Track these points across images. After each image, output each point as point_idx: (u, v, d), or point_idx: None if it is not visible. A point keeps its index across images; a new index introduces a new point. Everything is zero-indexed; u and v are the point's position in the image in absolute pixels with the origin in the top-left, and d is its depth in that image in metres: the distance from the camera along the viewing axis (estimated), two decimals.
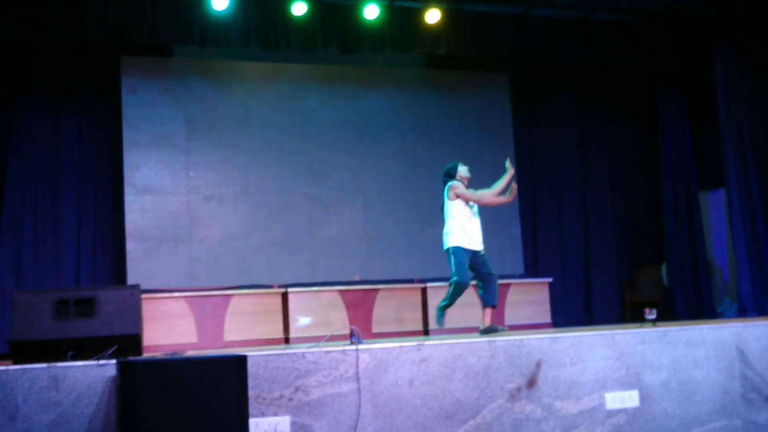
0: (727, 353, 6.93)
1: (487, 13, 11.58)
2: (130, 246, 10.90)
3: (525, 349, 6.40)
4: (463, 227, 8.52)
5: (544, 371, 6.41)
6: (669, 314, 12.25)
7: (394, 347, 6.08)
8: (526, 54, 11.98)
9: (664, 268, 12.82)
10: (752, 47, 11.57)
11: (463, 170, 8.77)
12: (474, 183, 12.37)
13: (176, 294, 10.10)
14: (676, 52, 12.56)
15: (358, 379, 5.90)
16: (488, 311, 8.50)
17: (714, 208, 12.92)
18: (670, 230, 12.63)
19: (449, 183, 8.66)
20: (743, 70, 11.52)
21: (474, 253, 8.53)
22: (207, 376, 5.07)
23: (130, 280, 10.69)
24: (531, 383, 6.35)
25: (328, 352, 5.89)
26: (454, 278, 8.42)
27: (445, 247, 8.55)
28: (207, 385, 5.04)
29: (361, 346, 5.99)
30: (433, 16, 11.17)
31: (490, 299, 8.52)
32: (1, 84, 10.56)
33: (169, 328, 9.81)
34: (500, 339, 6.40)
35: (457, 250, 8.46)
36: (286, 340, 10.25)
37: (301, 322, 10.26)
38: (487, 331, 8.23)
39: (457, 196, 8.54)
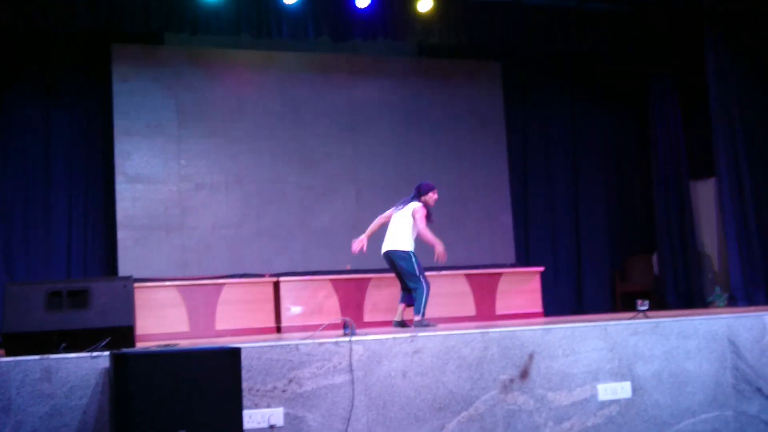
0: (719, 344, 6.95)
1: (479, 2, 11.56)
2: (121, 235, 10.87)
3: (518, 341, 6.41)
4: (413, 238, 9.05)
5: (536, 363, 6.42)
6: (659, 303, 12.29)
7: (387, 339, 6.08)
8: (518, 43, 11.97)
9: (655, 258, 12.85)
10: (744, 37, 11.58)
11: (433, 196, 9.13)
12: (466, 174, 12.44)
13: (168, 283, 10.06)
14: (669, 42, 12.57)
15: (351, 370, 5.90)
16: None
17: (705, 198, 12.94)
18: (662, 219, 12.66)
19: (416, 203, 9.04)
20: (735, 60, 11.53)
21: None
22: (201, 369, 5.06)
23: (121, 269, 10.67)
24: (524, 375, 6.37)
25: (321, 344, 5.88)
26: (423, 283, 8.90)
27: (405, 251, 8.95)
28: (201, 378, 5.03)
29: (354, 338, 5.99)
30: (425, 4, 11.14)
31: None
32: None
33: (160, 317, 9.77)
34: (493, 330, 6.41)
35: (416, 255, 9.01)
36: (278, 329, 10.24)
37: (292, 311, 10.24)
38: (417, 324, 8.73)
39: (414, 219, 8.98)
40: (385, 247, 8.99)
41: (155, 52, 11.42)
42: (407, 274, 8.89)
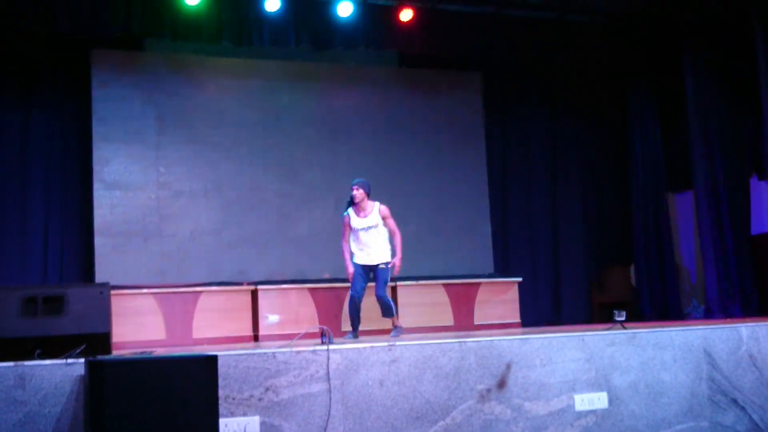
0: (695, 356, 7.00)
1: (460, 12, 11.58)
2: (99, 241, 10.79)
3: (495, 351, 6.42)
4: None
5: (514, 372, 6.43)
6: (636, 315, 12.33)
7: (365, 348, 6.07)
8: (499, 53, 11.99)
9: (632, 269, 12.90)
10: (722, 51, 11.67)
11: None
12: (445, 183, 12.44)
13: (145, 290, 10.01)
14: (648, 55, 12.64)
15: (328, 379, 5.89)
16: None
17: (682, 210, 13.03)
18: (639, 231, 12.72)
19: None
20: (713, 74, 11.62)
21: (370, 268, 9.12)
22: (177, 376, 5.04)
23: (98, 276, 10.58)
24: (501, 384, 6.37)
25: (298, 352, 5.87)
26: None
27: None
28: (177, 385, 5.01)
29: (332, 347, 5.98)
30: (406, 14, 11.16)
31: None
32: None
33: (137, 325, 9.72)
34: (471, 340, 6.42)
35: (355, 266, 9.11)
36: (255, 338, 10.21)
37: (270, 319, 10.21)
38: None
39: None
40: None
41: (135, 58, 11.36)
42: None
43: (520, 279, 11.69)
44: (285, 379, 5.79)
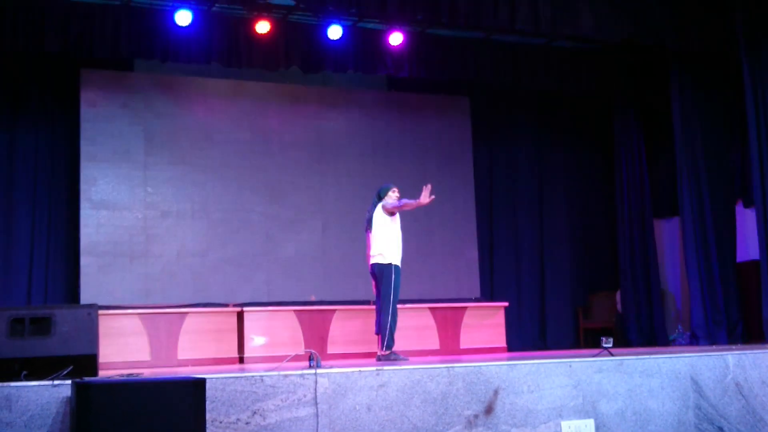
0: (682, 383, 7.00)
1: (449, 37, 11.68)
2: (85, 261, 10.74)
3: (483, 376, 6.41)
4: (399, 245, 8.78)
5: (501, 398, 6.42)
6: (622, 341, 12.34)
7: (353, 372, 6.05)
8: (487, 78, 12.08)
9: (618, 295, 12.93)
10: (708, 78, 11.74)
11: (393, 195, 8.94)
12: (433, 207, 12.36)
13: (130, 311, 9.95)
14: (634, 81, 12.75)
15: (316, 403, 5.86)
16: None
17: (668, 236, 13.08)
18: (625, 257, 12.74)
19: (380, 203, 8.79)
20: (699, 100, 11.67)
21: None
22: (164, 399, 5.01)
23: (84, 296, 10.54)
24: (488, 410, 6.36)
25: (286, 376, 5.85)
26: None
27: (386, 262, 8.64)
28: (164, 408, 4.98)
29: (319, 371, 5.96)
30: (396, 38, 11.21)
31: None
32: None
33: (121, 346, 9.65)
34: (459, 365, 6.41)
35: (398, 269, 8.64)
36: (241, 360, 10.16)
37: (255, 341, 10.17)
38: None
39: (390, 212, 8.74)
40: (371, 260, 8.72)
41: (124, 79, 11.36)
42: (380, 292, 8.57)
43: (506, 303, 11.70)
44: (272, 402, 5.76)
